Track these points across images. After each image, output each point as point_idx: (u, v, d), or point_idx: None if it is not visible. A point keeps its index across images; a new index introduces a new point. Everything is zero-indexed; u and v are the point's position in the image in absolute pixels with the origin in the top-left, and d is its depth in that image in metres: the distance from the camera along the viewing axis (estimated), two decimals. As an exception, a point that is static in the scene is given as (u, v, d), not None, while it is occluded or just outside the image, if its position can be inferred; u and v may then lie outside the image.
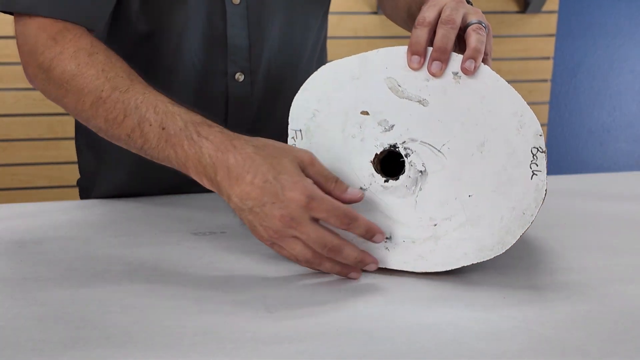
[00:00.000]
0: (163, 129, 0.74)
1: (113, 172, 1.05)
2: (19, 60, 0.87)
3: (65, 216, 0.93)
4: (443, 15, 0.73)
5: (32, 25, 0.83)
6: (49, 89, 0.83)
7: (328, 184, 0.70)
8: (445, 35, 0.71)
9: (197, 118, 0.74)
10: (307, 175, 0.69)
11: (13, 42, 0.90)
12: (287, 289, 0.70)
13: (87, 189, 1.11)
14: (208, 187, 0.73)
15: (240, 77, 0.99)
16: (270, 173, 0.68)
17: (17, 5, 0.83)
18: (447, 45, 0.71)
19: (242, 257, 0.78)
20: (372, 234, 0.71)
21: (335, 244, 0.69)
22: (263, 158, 0.69)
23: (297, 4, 1.01)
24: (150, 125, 0.75)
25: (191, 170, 0.73)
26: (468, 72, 0.69)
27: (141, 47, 0.98)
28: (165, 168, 1.05)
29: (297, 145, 0.77)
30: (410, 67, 0.71)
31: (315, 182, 0.69)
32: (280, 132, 1.05)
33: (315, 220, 0.68)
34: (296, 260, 0.71)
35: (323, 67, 0.75)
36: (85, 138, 1.09)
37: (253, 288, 0.70)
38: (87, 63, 0.79)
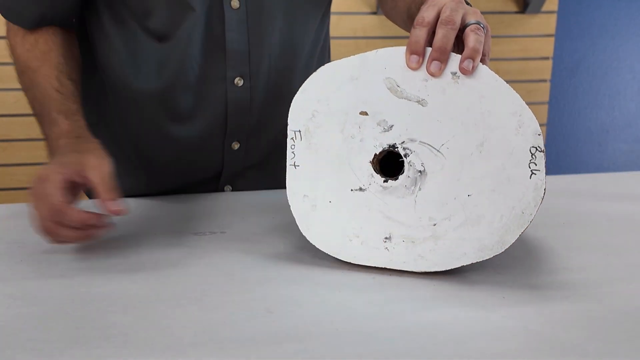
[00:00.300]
0: (41, 106, 0.91)
1: (119, 175, 1.06)
2: None
3: (65, 216, 0.93)
4: (443, 16, 0.73)
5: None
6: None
7: (101, 188, 0.76)
8: (445, 35, 0.71)
9: (63, 107, 0.89)
10: (85, 175, 0.77)
11: (10, 42, 0.92)
12: (287, 289, 0.70)
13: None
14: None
15: (239, 81, 0.99)
16: (52, 159, 0.82)
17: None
18: (446, 46, 0.71)
19: (243, 257, 0.79)
20: (84, 221, 0.75)
21: (61, 214, 0.75)
22: (64, 150, 0.83)
23: (297, 7, 1.01)
24: (37, 102, 0.92)
25: (47, 146, 0.88)
26: (466, 71, 0.70)
27: (142, 51, 0.98)
28: (169, 170, 1.06)
29: (295, 146, 0.77)
30: (409, 67, 0.72)
31: (92, 184, 0.77)
32: (280, 135, 1.06)
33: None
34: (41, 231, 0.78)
35: (322, 67, 0.76)
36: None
37: (253, 288, 0.70)
38: (19, 42, 0.96)
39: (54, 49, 0.95)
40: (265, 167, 1.12)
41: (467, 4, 0.78)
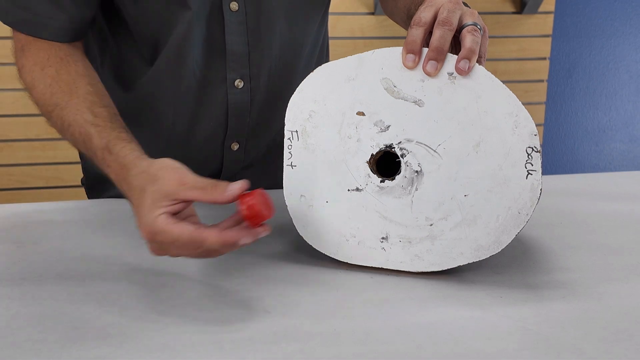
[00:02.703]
0: (87, 149, 0.80)
1: None
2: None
3: (63, 217, 0.93)
4: (440, 17, 0.73)
5: (13, 34, 0.90)
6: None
7: (206, 195, 0.69)
8: (442, 36, 0.71)
9: (104, 142, 0.78)
10: (182, 199, 0.68)
11: (10, 42, 0.91)
12: (285, 288, 0.70)
13: (95, 189, 1.12)
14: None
15: (239, 83, 0.99)
16: (135, 207, 0.71)
17: (4, 20, 0.89)
18: (443, 46, 0.71)
19: (240, 256, 0.79)
20: (228, 245, 0.67)
21: (201, 253, 0.67)
22: (134, 191, 0.72)
23: (296, 9, 1.01)
24: (80, 144, 0.82)
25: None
26: (462, 72, 0.70)
27: (143, 55, 0.98)
28: None
29: (293, 146, 0.77)
30: (405, 66, 0.72)
31: (195, 199, 0.69)
32: (279, 136, 1.06)
33: None
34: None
35: (319, 68, 0.76)
36: None
37: (251, 288, 0.70)
38: (38, 78, 0.86)
39: (78, 78, 0.85)
40: (263, 167, 1.12)
41: (465, 5, 0.79)
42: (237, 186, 0.68)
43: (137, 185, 0.71)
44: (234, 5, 0.95)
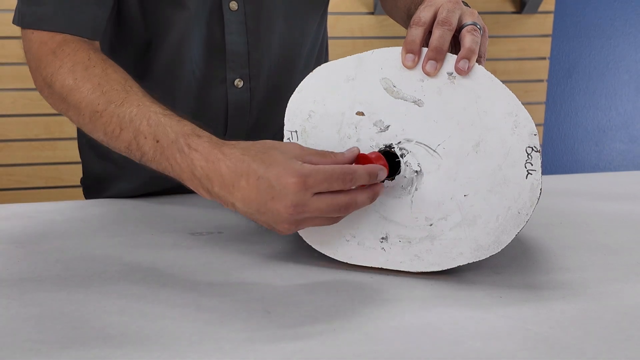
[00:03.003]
0: (157, 141, 0.73)
1: (121, 175, 1.05)
2: (16, 60, 0.89)
3: (62, 217, 0.93)
4: (440, 17, 0.73)
5: (35, 40, 0.84)
6: (54, 102, 0.84)
7: (327, 157, 0.70)
8: (442, 35, 0.71)
9: (187, 129, 0.73)
10: (308, 162, 0.68)
11: (10, 42, 0.91)
12: (285, 289, 0.70)
13: (93, 189, 1.11)
14: (208, 199, 0.72)
15: (239, 83, 0.99)
16: (260, 169, 0.67)
17: (24, 22, 0.85)
18: (443, 46, 0.71)
19: (240, 257, 0.79)
20: (374, 175, 0.69)
21: (346, 201, 0.68)
22: (252, 157, 0.68)
23: (296, 9, 1.01)
24: (145, 138, 0.74)
25: (187, 182, 0.72)
26: (462, 72, 0.70)
27: (142, 56, 0.98)
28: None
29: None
30: (404, 65, 0.72)
31: (318, 162, 0.68)
32: (278, 136, 1.06)
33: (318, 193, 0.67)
34: (321, 225, 0.71)
35: (318, 68, 0.76)
36: (88, 140, 1.09)
37: (250, 288, 0.70)
38: (83, 77, 0.79)
39: (129, 78, 0.81)
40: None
41: (465, 4, 0.79)
42: (353, 149, 0.71)
43: (249, 154, 0.68)
44: (233, 5, 0.95)
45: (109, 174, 1.09)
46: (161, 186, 1.08)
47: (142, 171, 1.07)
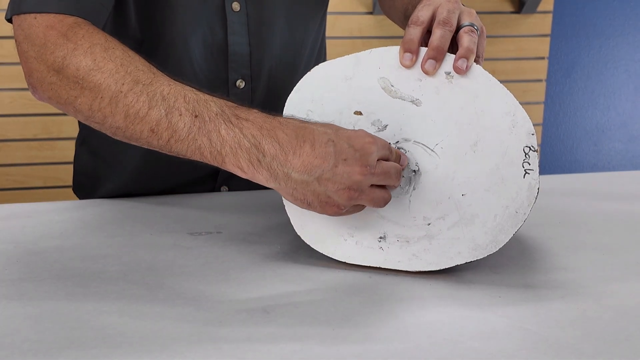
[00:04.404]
0: (196, 116, 0.70)
1: (114, 174, 1.05)
2: (15, 60, 0.87)
3: (61, 216, 0.93)
4: (440, 17, 0.73)
5: (39, 25, 0.80)
6: (59, 92, 0.78)
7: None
8: (443, 36, 0.71)
9: (231, 103, 0.72)
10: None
11: (8, 42, 0.91)
12: (283, 289, 0.70)
13: (85, 189, 1.11)
14: (245, 177, 0.69)
15: (241, 84, 0.99)
16: (329, 132, 0.67)
17: (24, 6, 0.80)
18: (444, 46, 0.71)
19: (238, 257, 0.79)
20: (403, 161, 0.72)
21: (394, 168, 0.70)
22: (314, 125, 0.68)
23: (297, 9, 1.01)
24: (181, 114, 0.71)
25: (228, 157, 0.69)
26: (460, 71, 0.70)
27: (144, 56, 0.98)
28: (167, 170, 1.05)
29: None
30: (402, 64, 0.72)
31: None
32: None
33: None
34: (373, 205, 0.70)
35: (316, 67, 0.76)
36: (87, 141, 1.09)
37: (249, 288, 0.70)
38: (104, 57, 0.75)
39: (136, 53, 0.78)
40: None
41: (462, 4, 0.79)
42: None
43: (312, 122, 0.69)
44: (235, 6, 0.95)
45: (98, 172, 1.09)
46: (160, 185, 1.08)
47: (128, 169, 1.07)
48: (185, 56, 0.96)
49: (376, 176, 0.68)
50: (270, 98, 1.03)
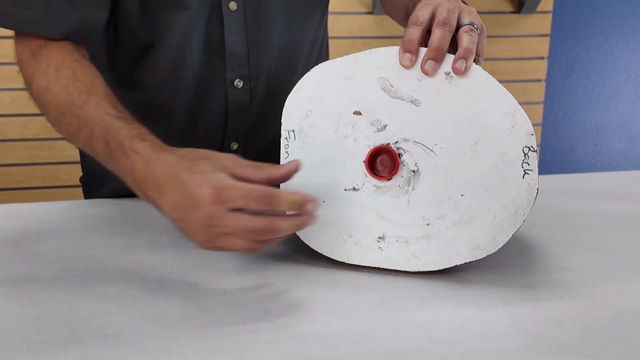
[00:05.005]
0: (106, 143, 0.74)
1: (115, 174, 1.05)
2: (14, 60, 0.88)
3: (60, 216, 0.93)
4: (440, 16, 0.73)
5: (19, 41, 0.86)
6: (34, 102, 0.86)
7: (261, 173, 0.68)
8: (443, 36, 0.71)
9: (134, 132, 0.73)
10: (239, 175, 0.67)
11: (7, 42, 0.91)
12: (283, 289, 0.70)
13: (92, 188, 1.12)
14: (150, 203, 0.72)
15: (239, 83, 0.99)
16: (185, 176, 0.66)
17: (6, 23, 0.85)
18: (443, 46, 0.71)
19: (238, 257, 0.79)
20: (300, 204, 0.66)
21: (263, 225, 0.65)
22: (183, 164, 0.68)
23: (295, 9, 1.01)
24: (97, 140, 0.75)
25: (129, 184, 0.73)
26: (459, 72, 0.70)
27: (142, 56, 0.98)
28: None
29: (289, 146, 0.77)
30: (402, 65, 0.72)
31: (249, 177, 0.67)
32: (278, 136, 1.05)
33: (239, 209, 0.65)
34: (242, 251, 0.68)
35: (316, 67, 0.76)
36: None
37: (249, 288, 0.70)
38: (53, 79, 0.81)
39: (96, 79, 0.82)
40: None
41: (463, 2, 0.79)
42: (292, 164, 0.69)
43: (183, 161, 0.68)
44: (232, 5, 0.95)
45: (103, 170, 1.09)
46: None
47: None
48: (183, 56, 0.96)
49: (221, 228, 0.65)
50: (269, 98, 1.03)
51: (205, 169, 0.66)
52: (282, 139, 0.77)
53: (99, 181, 1.10)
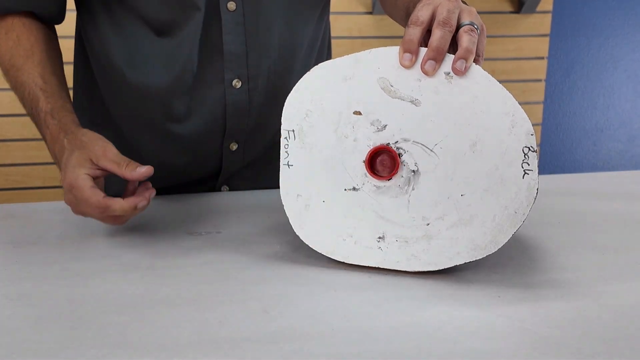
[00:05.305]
0: (31, 108, 0.91)
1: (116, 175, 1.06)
2: None
3: (60, 216, 0.93)
4: (440, 17, 0.73)
5: None
6: None
7: (120, 169, 0.81)
8: (443, 36, 0.71)
9: (49, 107, 0.89)
10: (100, 166, 0.82)
11: (7, 42, 0.92)
12: (283, 288, 0.70)
13: None
14: None
15: (237, 83, 0.99)
16: (63, 163, 0.84)
17: None
18: (444, 47, 0.71)
19: (238, 257, 0.79)
20: (129, 209, 0.80)
21: (100, 212, 0.80)
22: (67, 150, 0.84)
23: (294, 9, 1.01)
24: (27, 103, 0.93)
25: (49, 148, 0.90)
26: (459, 72, 0.70)
27: (141, 54, 0.98)
28: (167, 170, 1.06)
29: (289, 146, 0.77)
30: (402, 65, 0.72)
31: (110, 170, 0.81)
32: (278, 136, 1.05)
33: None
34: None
35: (316, 67, 0.76)
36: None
37: (249, 288, 0.70)
38: (3, 39, 0.95)
39: (36, 45, 0.94)
40: (262, 167, 1.12)
41: (463, 2, 0.78)
42: (143, 170, 0.81)
43: (68, 147, 0.84)
44: (231, 5, 0.95)
45: None
46: (160, 185, 1.08)
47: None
48: (181, 54, 0.96)
49: (81, 210, 0.82)
50: (269, 99, 1.03)
51: (73, 162, 0.82)
52: (282, 139, 0.77)
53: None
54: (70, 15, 1.03)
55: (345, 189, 0.75)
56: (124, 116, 1.04)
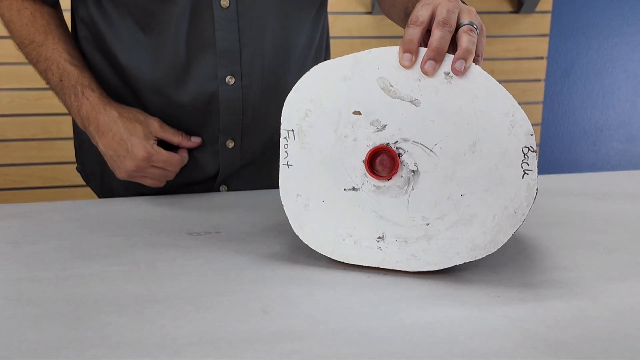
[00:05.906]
0: (61, 80, 0.99)
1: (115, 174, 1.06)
2: (14, 60, 0.92)
3: (60, 216, 0.93)
4: (440, 17, 0.73)
5: None
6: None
7: (176, 138, 1.02)
8: (443, 37, 0.71)
9: (86, 81, 0.98)
10: (159, 137, 0.99)
11: (8, 42, 0.92)
12: (282, 288, 0.70)
13: (92, 178, 1.14)
14: (84, 130, 1.00)
15: (230, 80, 1.00)
16: (125, 134, 0.96)
17: None
18: (443, 47, 0.71)
19: (237, 257, 0.79)
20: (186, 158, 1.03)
21: (167, 175, 1.01)
22: (122, 122, 0.97)
23: (289, 7, 1.01)
24: (53, 74, 0.99)
25: (75, 116, 1.00)
26: (458, 72, 0.70)
27: (134, 49, 0.98)
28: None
29: (289, 145, 0.77)
30: (402, 65, 0.72)
31: (169, 139, 1.01)
32: (276, 135, 1.06)
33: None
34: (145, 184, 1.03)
35: (315, 67, 0.76)
36: (84, 137, 1.11)
37: (248, 288, 0.70)
38: (16, 14, 1.01)
39: (52, 23, 1.01)
40: (261, 167, 1.12)
41: (462, 2, 0.79)
42: (197, 140, 1.05)
43: (120, 119, 0.97)
44: (224, 2, 0.95)
45: (102, 170, 1.10)
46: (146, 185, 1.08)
47: None
48: (175, 50, 0.96)
49: (142, 174, 1.00)
50: (265, 96, 1.03)
51: (139, 133, 0.97)
52: (281, 139, 0.77)
53: (101, 183, 1.11)
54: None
55: (344, 189, 0.75)
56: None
